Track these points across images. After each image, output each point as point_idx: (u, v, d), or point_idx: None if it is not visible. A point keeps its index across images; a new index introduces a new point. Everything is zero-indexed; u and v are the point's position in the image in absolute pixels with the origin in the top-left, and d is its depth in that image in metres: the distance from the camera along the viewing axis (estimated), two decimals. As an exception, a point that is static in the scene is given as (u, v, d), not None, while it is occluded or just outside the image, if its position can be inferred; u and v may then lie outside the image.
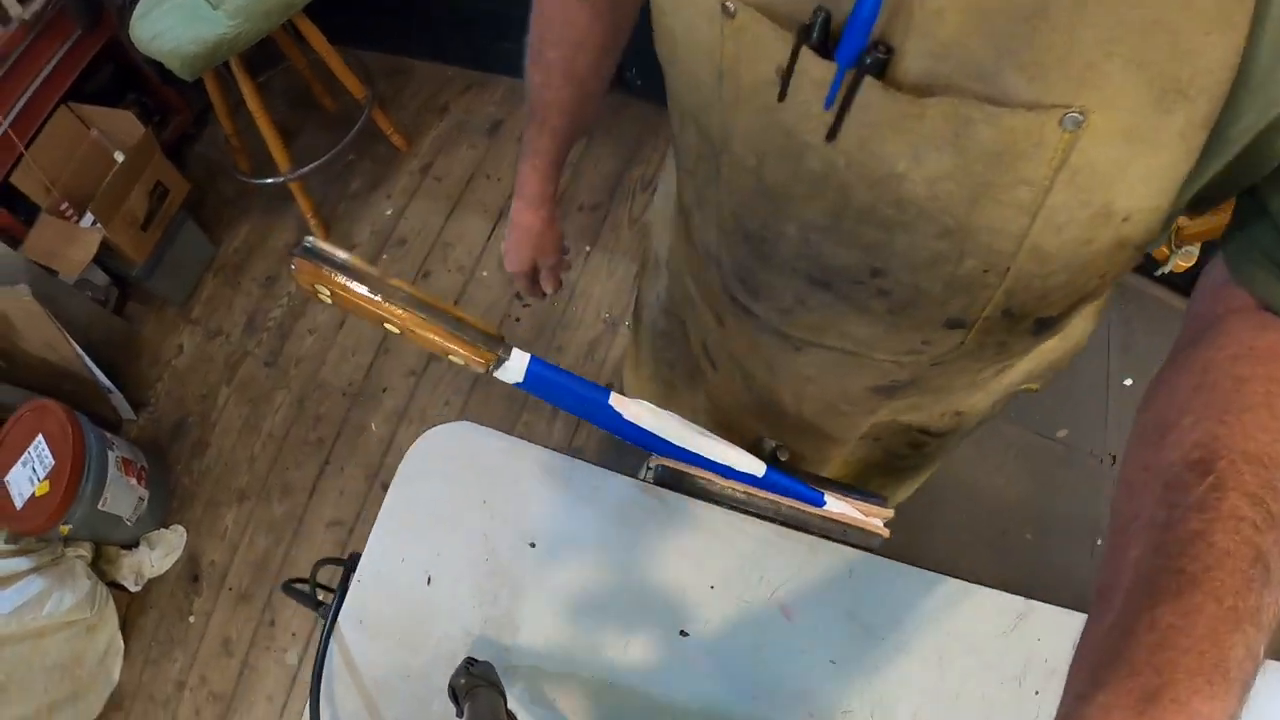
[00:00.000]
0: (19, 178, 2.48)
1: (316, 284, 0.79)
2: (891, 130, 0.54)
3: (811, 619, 0.88)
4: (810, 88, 0.56)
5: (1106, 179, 0.52)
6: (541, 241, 1.21)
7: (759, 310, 0.84)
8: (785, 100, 0.58)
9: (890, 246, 0.64)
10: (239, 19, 2.13)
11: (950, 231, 0.59)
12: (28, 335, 2.38)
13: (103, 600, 2.22)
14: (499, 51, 2.95)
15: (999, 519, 2.06)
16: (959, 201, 0.56)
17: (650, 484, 0.96)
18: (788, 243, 0.71)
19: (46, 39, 2.49)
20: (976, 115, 0.50)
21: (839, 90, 0.54)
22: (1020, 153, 0.51)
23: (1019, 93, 0.48)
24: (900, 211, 0.60)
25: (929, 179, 0.56)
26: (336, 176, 2.95)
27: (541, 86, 1.00)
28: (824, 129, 0.57)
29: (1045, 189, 0.53)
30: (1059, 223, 0.56)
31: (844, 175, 0.60)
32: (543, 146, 1.08)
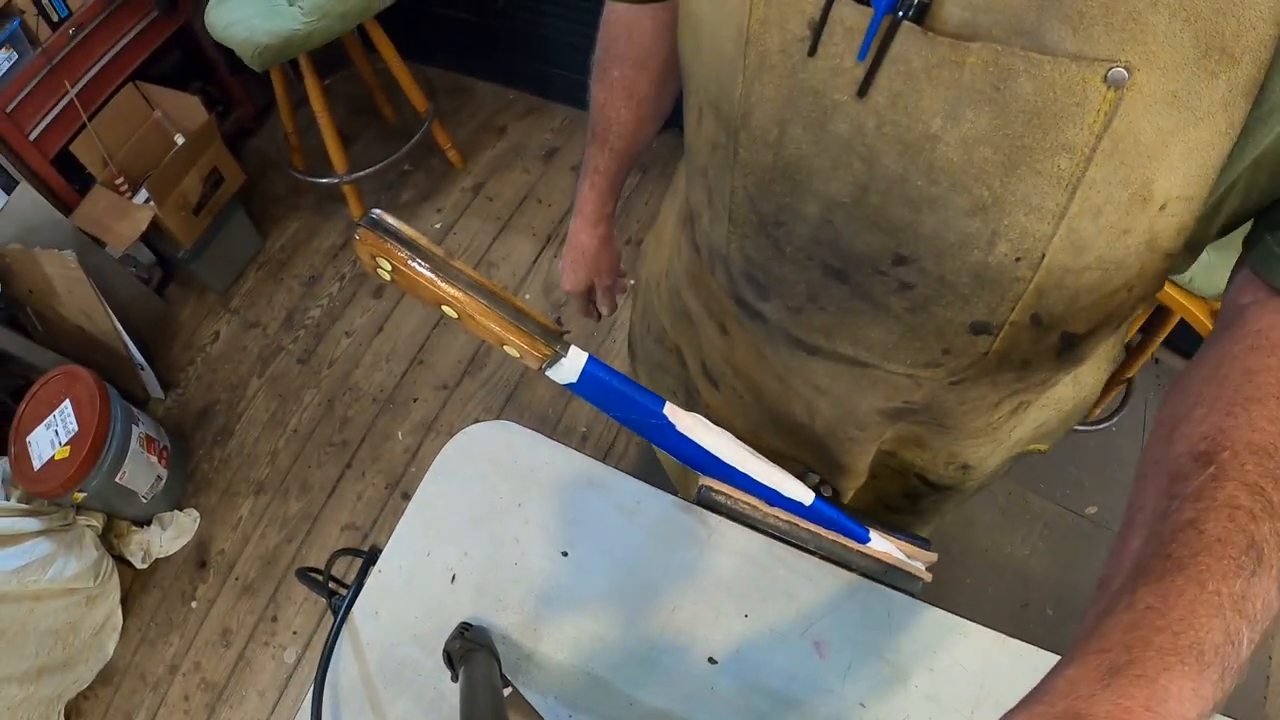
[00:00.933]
0: (79, 147, 2.51)
1: (378, 257, 0.79)
2: (928, 82, 0.52)
3: (844, 658, 0.86)
4: (843, 38, 0.54)
5: (1149, 151, 0.50)
6: (598, 261, 1.22)
7: (768, 311, 0.81)
8: (816, 54, 0.56)
9: (917, 228, 0.61)
10: (314, 17, 2.17)
11: (984, 207, 0.56)
12: (67, 301, 2.40)
13: (107, 573, 2.21)
14: (561, 79, 2.99)
15: (1022, 590, 2.03)
16: (995, 169, 0.54)
17: (692, 504, 0.94)
18: (805, 225, 0.67)
19: (123, 15, 2.54)
20: (1019, 65, 0.49)
21: (874, 38, 0.52)
22: (1062, 112, 0.49)
23: (1063, 43, 0.47)
24: (931, 182, 0.57)
25: (965, 141, 0.54)
26: (389, 185, 2.98)
27: (604, 105, 1.01)
28: (854, 84, 0.55)
29: (1086, 158, 0.51)
30: (1097, 203, 0.54)
31: (873, 140, 0.57)
32: (602, 165, 1.09)
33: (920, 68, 0.52)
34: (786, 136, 0.62)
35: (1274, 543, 0.44)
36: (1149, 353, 1.89)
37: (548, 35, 2.79)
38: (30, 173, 2.45)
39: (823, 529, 0.89)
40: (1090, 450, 2.19)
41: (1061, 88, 0.48)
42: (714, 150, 0.72)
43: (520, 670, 0.87)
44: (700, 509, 0.94)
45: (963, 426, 0.87)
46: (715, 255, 0.83)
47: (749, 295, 0.82)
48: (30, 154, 2.43)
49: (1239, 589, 0.42)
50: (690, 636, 0.88)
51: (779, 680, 0.85)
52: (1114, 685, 0.40)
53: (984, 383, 0.76)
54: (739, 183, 0.70)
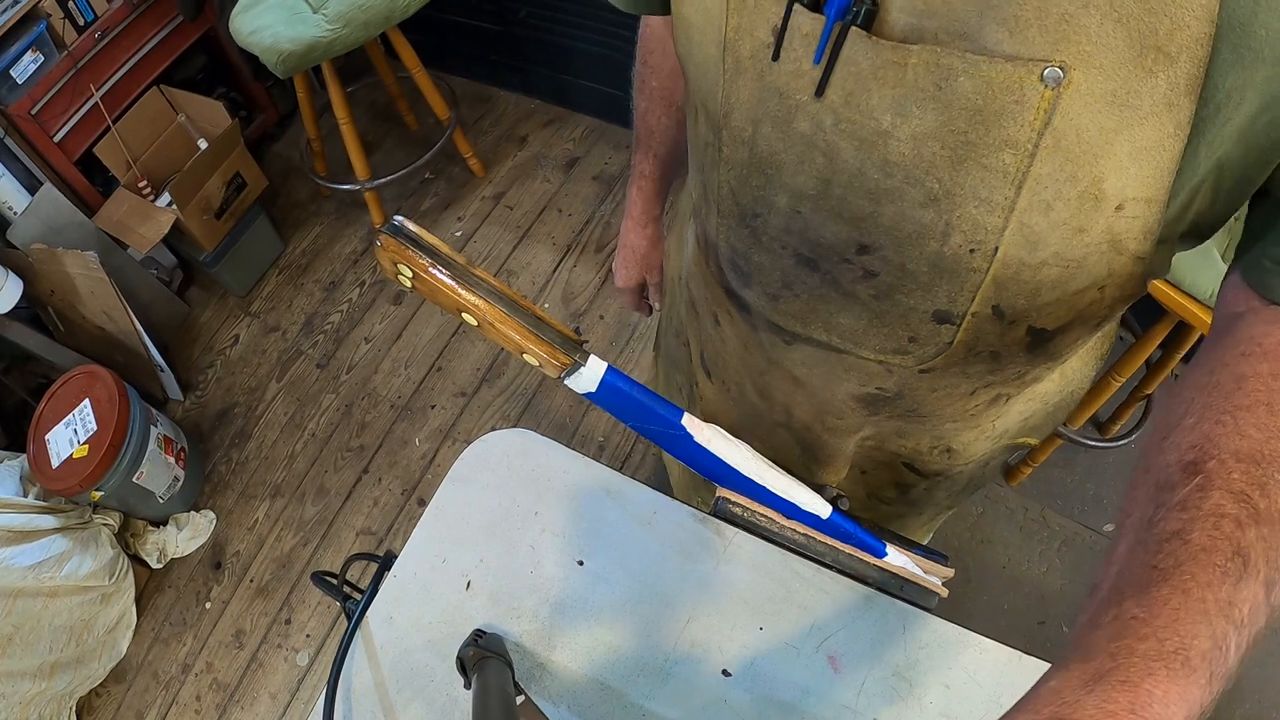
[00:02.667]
0: (103, 149, 2.54)
1: (399, 264, 0.79)
2: (876, 82, 0.56)
3: (859, 673, 0.85)
4: (801, 44, 0.58)
5: (1093, 149, 0.52)
6: (648, 259, 1.26)
7: (749, 298, 0.83)
8: (779, 59, 0.60)
9: (877, 219, 0.64)
10: (338, 24, 2.18)
11: (936, 199, 0.59)
12: (89, 302, 2.42)
13: (122, 572, 2.22)
14: (582, 89, 3.00)
15: (1038, 607, 2.02)
16: (943, 163, 0.57)
17: (708, 515, 0.94)
18: (778, 215, 0.71)
19: (148, 20, 2.57)
20: (957, 65, 0.51)
21: (827, 42, 0.56)
22: (1002, 109, 0.52)
23: (1000, 45, 0.50)
24: (886, 175, 0.60)
25: (914, 137, 0.56)
26: (410, 192, 2.99)
27: (645, 113, 1.06)
28: (812, 85, 0.59)
29: (1029, 154, 0.53)
30: (1046, 198, 0.56)
31: (831, 136, 0.61)
32: (647, 170, 1.14)
33: (868, 69, 0.55)
34: (759, 134, 0.66)
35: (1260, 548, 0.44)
36: (1169, 369, 1.88)
37: (569, 45, 2.80)
38: (54, 174, 2.48)
39: (839, 542, 0.89)
40: (1109, 467, 2.18)
41: (1000, 86, 0.51)
42: (705, 148, 0.76)
43: (533, 679, 0.87)
44: (717, 520, 0.94)
45: (938, 414, 0.88)
46: (710, 245, 0.86)
47: (734, 282, 0.84)
48: (55, 155, 2.45)
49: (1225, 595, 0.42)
50: (705, 648, 0.88)
51: (793, 694, 0.85)
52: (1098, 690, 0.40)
53: (954, 372, 0.78)
54: (724, 177, 0.74)
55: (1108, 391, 1.82)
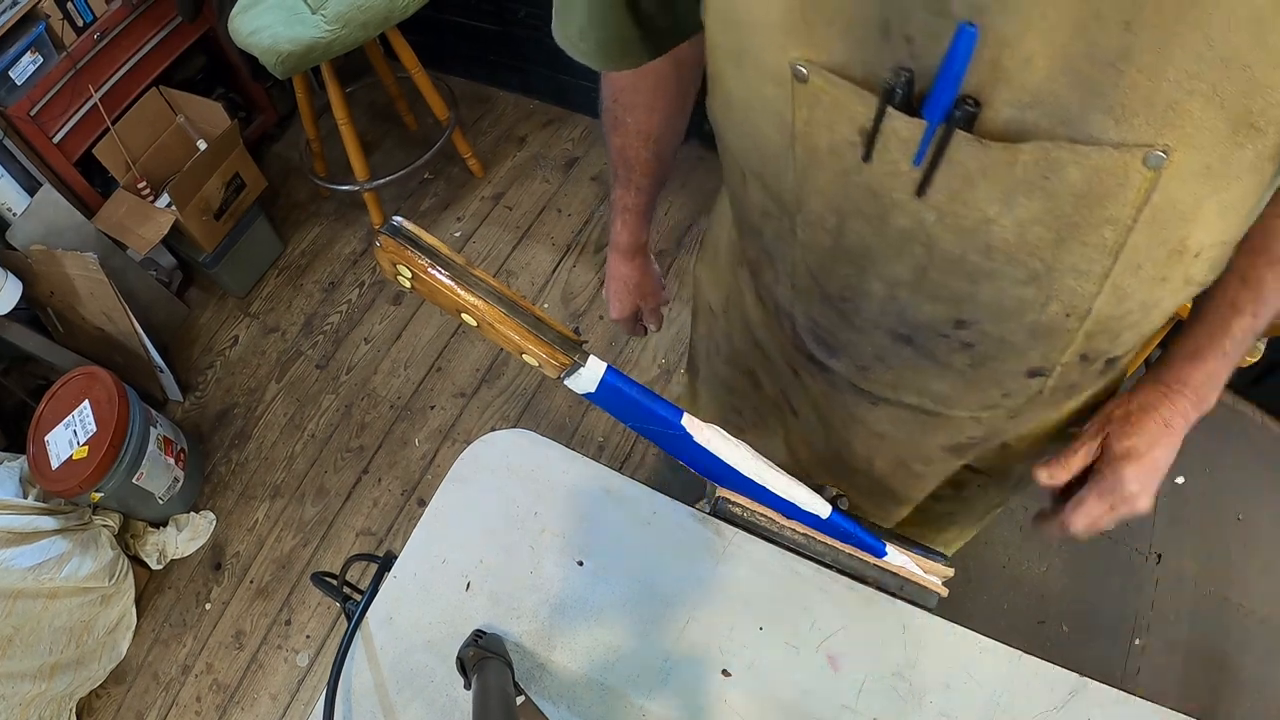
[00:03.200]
0: (102, 151, 2.53)
1: (398, 264, 0.79)
2: (983, 179, 0.55)
3: (859, 673, 0.85)
4: (897, 146, 0.56)
5: (1185, 215, 0.55)
6: (641, 288, 1.26)
7: (835, 366, 0.85)
8: (871, 160, 0.59)
9: (976, 297, 0.65)
10: (336, 25, 2.18)
11: (1037, 276, 0.61)
12: (88, 303, 2.42)
13: (122, 573, 2.22)
14: (581, 90, 3.00)
15: (1038, 608, 2.01)
16: (1046, 244, 0.58)
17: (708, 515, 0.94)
18: (871, 300, 0.71)
19: (146, 21, 2.56)
20: (1066, 157, 0.52)
21: (929, 146, 0.55)
22: (1106, 192, 0.53)
23: (1106, 133, 0.50)
24: (988, 259, 0.61)
25: (1019, 223, 0.57)
26: (410, 193, 2.99)
27: (622, 149, 1.04)
28: (912, 185, 0.58)
29: (1128, 228, 0.56)
30: (1138, 261, 0.59)
31: (933, 229, 0.61)
32: (630, 203, 1.12)
33: (975, 169, 0.55)
34: (846, 227, 0.66)
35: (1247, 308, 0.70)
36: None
37: (568, 45, 2.79)
38: (54, 175, 2.48)
39: (839, 542, 0.89)
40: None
41: (1105, 172, 0.52)
42: (766, 217, 0.76)
43: (533, 679, 0.87)
44: (717, 520, 0.94)
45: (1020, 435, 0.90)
46: (781, 311, 0.86)
47: (817, 352, 0.85)
48: (54, 156, 2.45)
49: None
50: (704, 648, 0.88)
51: (793, 694, 0.85)
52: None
53: (1038, 412, 0.82)
54: (800, 257, 0.74)
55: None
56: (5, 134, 2.33)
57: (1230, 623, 1.98)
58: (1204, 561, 2.05)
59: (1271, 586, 2.02)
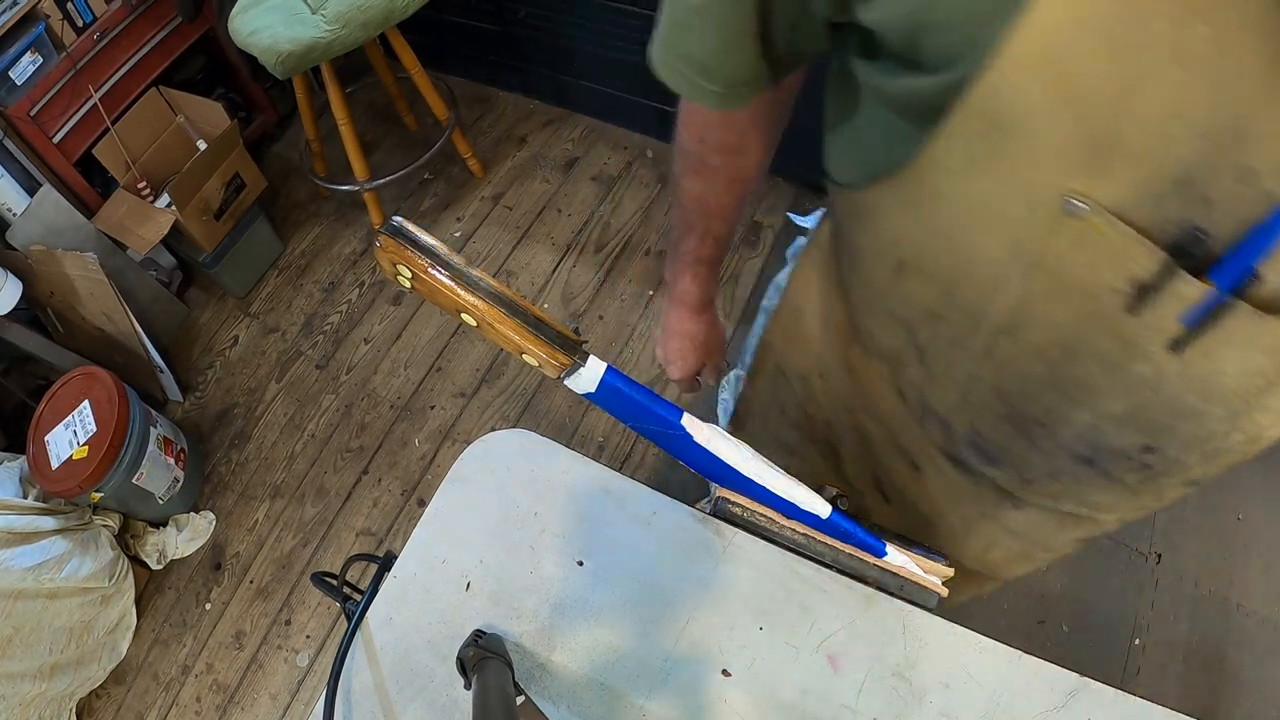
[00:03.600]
0: (102, 151, 2.54)
1: (398, 264, 0.79)
2: (1240, 342, 0.56)
3: (859, 673, 0.85)
4: (1169, 304, 0.55)
5: None
6: (709, 344, 1.18)
7: (994, 475, 0.83)
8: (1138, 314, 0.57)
9: (1174, 430, 0.66)
10: (337, 25, 2.18)
11: (1236, 414, 0.62)
12: (88, 303, 2.42)
13: (122, 573, 2.22)
14: (582, 90, 3.00)
15: (1038, 607, 2.02)
16: (1256, 391, 0.60)
17: (708, 515, 0.94)
18: (1070, 429, 0.70)
19: (146, 21, 2.57)
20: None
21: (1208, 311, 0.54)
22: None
23: None
24: (1203, 401, 0.61)
25: (1243, 374, 0.58)
26: (410, 193, 2.99)
27: (703, 195, 0.93)
28: (1169, 340, 0.57)
29: None
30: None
31: (1169, 379, 0.60)
32: (705, 255, 1.03)
33: (1238, 334, 0.55)
34: (1073, 362, 0.64)
35: None
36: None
37: (568, 45, 2.80)
38: (53, 175, 2.48)
39: (839, 542, 0.89)
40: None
41: None
42: (932, 319, 0.72)
43: (533, 679, 0.87)
44: (717, 520, 0.93)
45: None
46: (929, 413, 0.83)
47: (972, 459, 0.83)
48: (54, 156, 2.45)
49: None
50: (705, 648, 0.87)
51: (793, 694, 0.85)
52: None
53: None
54: (987, 374, 0.71)
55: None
56: (5, 134, 2.33)
57: (1230, 623, 1.98)
58: (1204, 561, 2.06)
59: (1271, 586, 2.02)
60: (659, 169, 2.90)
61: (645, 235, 2.76)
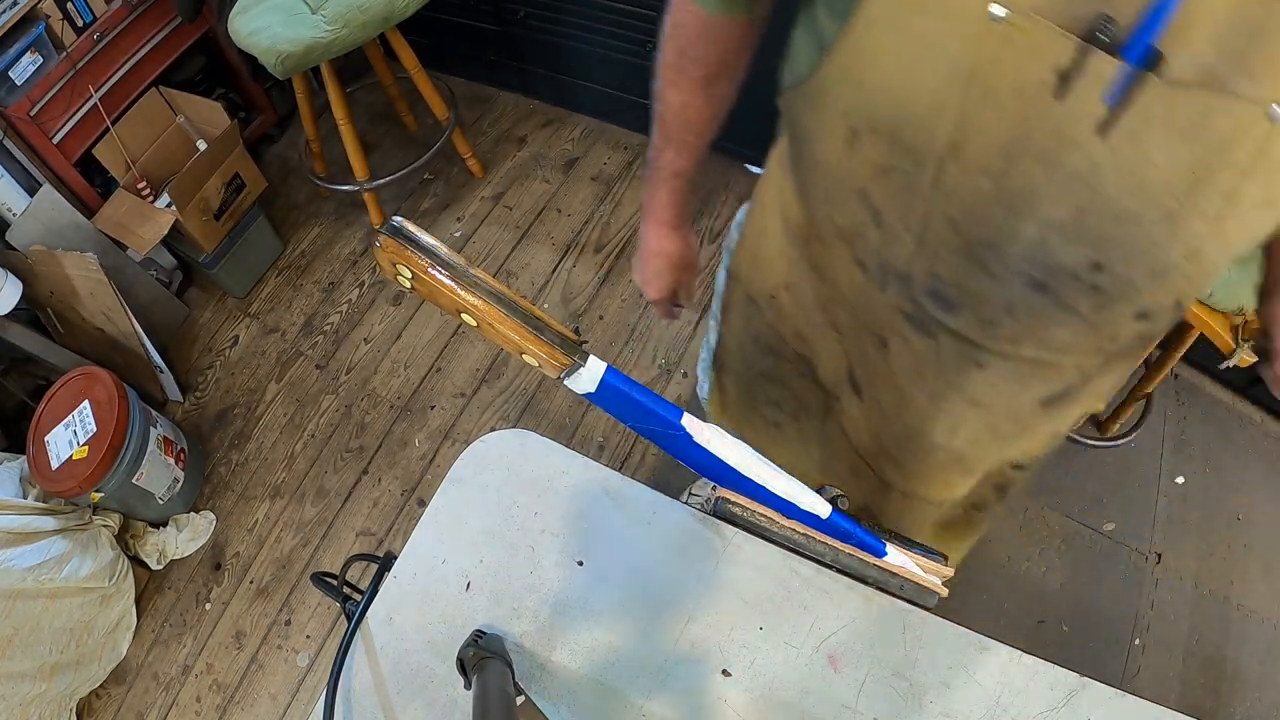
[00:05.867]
0: (102, 151, 2.54)
1: (398, 264, 0.79)
2: (1159, 122, 0.61)
3: (859, 673, 0.85)
4: (1091, 85, 0.61)
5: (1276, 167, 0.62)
6: (683, 263, 1.21)
7: (952, 323, 0.83)
8: (1064, 99, 0.62)
9: (1116, 239, 0.69)
10: (336, 25, 2.18)
11: (1171, 216, 0.65)
12: (88, 303, 2.42)
13: (122, 573, 2.22)
14: (581, 90, 3.00)
15: (1037, 607, 2.02)
16: (1183, 186, 0.63)
17: (708, 515, 0.94)
18: (1021, 245, 0.72)
19: (146, 21, 2.57)
20: (1216, 105, 0.59)
21: (1125, 87, 0.59)
22: (1235, 140, 0.60)
23: (1244, 89, 0.58)
24: (1136, 199, 0.65)
25: (1170, 164, 0.62)
26: (410, 193, 2.99)
27: (683, 107, 0.99)
28: (1095, 124, 0.62)
29: (1244, 174, 0.62)
30: (1244, 209, 0.65)
31: (1101, 169, 0.64)
32: (680, 167, 1.07)
33: (1156, 111, 0.60)
34: (1014, 170, 0.68)
35: None
36: (1168, 368, 1.88)
37: (568, 46, 2.80)
38: (53, 175, 2.48)
39: (839, 542, 0.89)
40: (1109, 467, 2.18)
41: (1240, 122, 0.59)
42: (883, 174, 0.76)
43: (533, 679, 0.87)
44: (717, 520, 0.93)
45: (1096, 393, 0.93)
46: (889, 273, 0.85)
47: (934, 309, 0.84)
48: (54, 156, 2.45)
49: None
50: (704, 648, 0.88)
51: (793, 694, 0.85)
52: None
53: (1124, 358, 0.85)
54: (937, 208, 0.74)
55: (1108, 391, 1.82)
56: (5, 134, 2.33)
57: (1230, 623, 1.98)
58: (1204, 561, 2.06)
59: (1271, 586, 2.02)
60: (659, 169, 2.88)
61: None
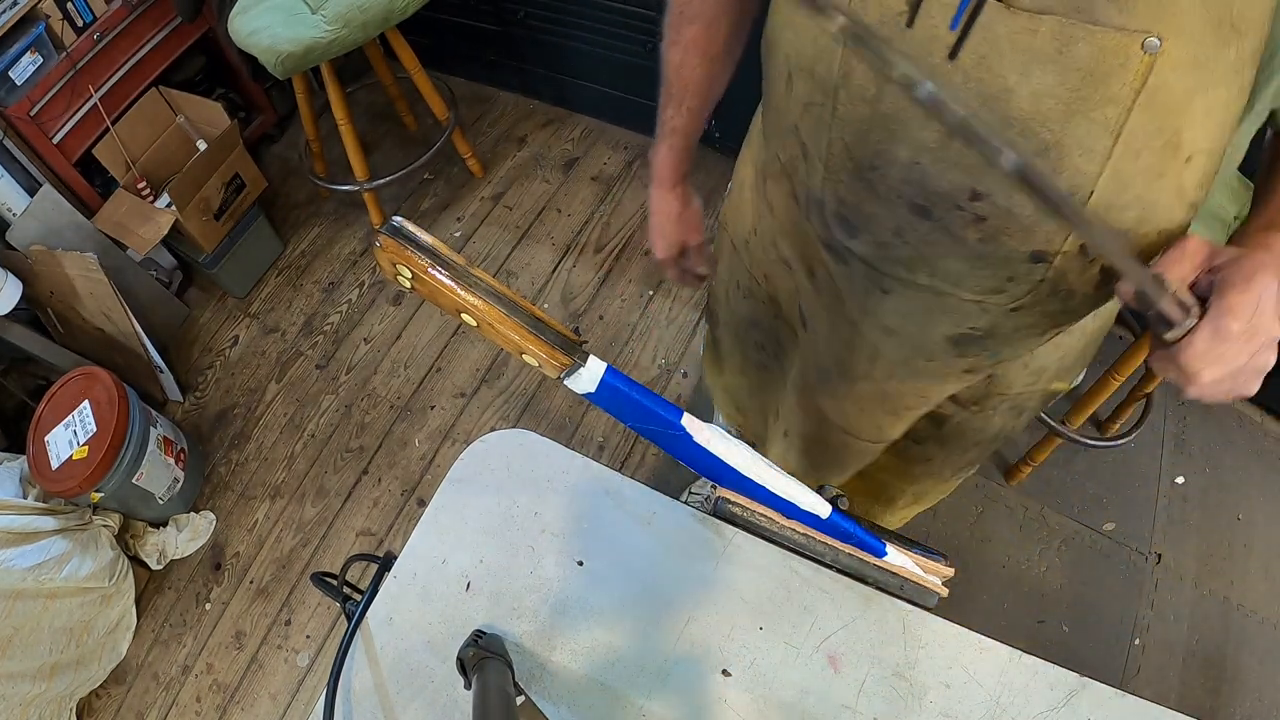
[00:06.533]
0: (102, 151, 2.54)
1: (398, 264, 0.79)
2: (1008, 47, 0.63)
3: (859, 673, 0.85)
4: (938, 11, 0.64)
5: (1177, 106, 0.63)
6: (684, 220, 1.23)
7: (856, 247, 0.86)
8: (914, 26, 0.65)
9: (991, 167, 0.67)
10: (336, 25, 2.18)
11: (1047, 148, 0.66)
12: (88, 303, 2.42)
13: (122, 573, 2.22)
14: (581, 90, 3.00)
15: (1038, 606, 2.02)
16: (1056, 116, 0.64)
17: (708, 515, 0.94)
18: (897, 167, 0.74)
19: (146, 21, 2.56)
20: (1078, 34, 0.60)
21: (965, 10, 0.62)
22: (1109, 71, 0.61)
23: (1110, 19, 0.59)
24: (1005, 128, 0.66)
25: (1034, 94, 0.64)
26: (410, 193, 2.99)
27: (679, 65, 1.04)
28: (946, 49, 0.65)
29: (1128, 109, 0.63)
30: (1136, 147, 0.65)
31: (959, 94, 0.66)
32: (679, 125, 1.12)
33: (1003, 35, 0.62)
34: (884, 93, 0.71)
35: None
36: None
37: (568, 45, 2.80)
38: (53, 175, 2.48)
39: (839, 542, 0.89)
40: (1109, 467, 2.18)
41: (1109, 52, 0.60)
42: (806, 109, 0.80)
43: (533, 679, 0.87)
44: (717, 520, 0.94)
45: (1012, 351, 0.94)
46: (811, 201, 0.89)
47: (840, 234, 0.87)
48: (54, 156, 2.45)
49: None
50: (704, 648, 0.88)
51: (793, 694, 0.85)
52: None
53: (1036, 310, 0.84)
54: (836, 135, 0.78)
55: (1107, 391, 1.82)
56: (5, 134, 2.33)
57: (1230, 623, 1.98)
58: (1204, 561, 2.06)
59: (1271, 586, 2.02)
60: (659, 169, 2.88)
61: (645, 235, 2.74)
